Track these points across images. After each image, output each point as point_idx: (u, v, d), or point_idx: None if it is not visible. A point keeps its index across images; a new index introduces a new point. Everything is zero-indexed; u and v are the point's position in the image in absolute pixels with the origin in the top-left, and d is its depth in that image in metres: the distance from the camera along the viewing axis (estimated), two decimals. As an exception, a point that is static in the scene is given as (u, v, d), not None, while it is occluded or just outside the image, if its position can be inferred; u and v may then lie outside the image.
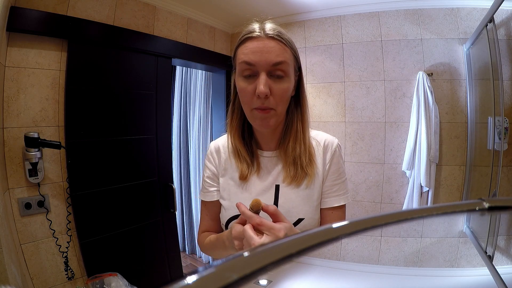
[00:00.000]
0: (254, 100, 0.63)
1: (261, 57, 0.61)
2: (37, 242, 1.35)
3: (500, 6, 1.32)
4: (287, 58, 0.63)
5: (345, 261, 2.09)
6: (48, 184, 1.39)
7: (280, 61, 0.62)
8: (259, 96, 0.62)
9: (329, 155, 0.73)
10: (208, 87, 2.79)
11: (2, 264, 0.95)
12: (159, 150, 1.87)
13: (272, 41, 0.62)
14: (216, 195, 0.78)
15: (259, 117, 0.64)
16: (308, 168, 0.69)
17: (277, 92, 0.63)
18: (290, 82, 0.65)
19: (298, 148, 0.69)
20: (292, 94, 0.70)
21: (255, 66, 0.62)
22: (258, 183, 0.73)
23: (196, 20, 2.12)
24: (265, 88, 0.60)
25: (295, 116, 0.71)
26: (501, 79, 1.36)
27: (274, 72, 0.62)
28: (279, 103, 0.64)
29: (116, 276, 1.48)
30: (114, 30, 1.60)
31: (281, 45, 0.63)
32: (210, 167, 0.79)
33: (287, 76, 0.64)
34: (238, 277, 0.14)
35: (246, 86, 0.63)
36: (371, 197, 2.08)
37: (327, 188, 0.72)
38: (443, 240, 1.90)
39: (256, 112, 0.64)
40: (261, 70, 0.62)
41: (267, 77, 0.62)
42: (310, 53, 2.24)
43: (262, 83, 0.61)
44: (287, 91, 0.65)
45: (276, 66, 0.62)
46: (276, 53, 0.62)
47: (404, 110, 1.99)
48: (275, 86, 0.62)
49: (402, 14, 1.95)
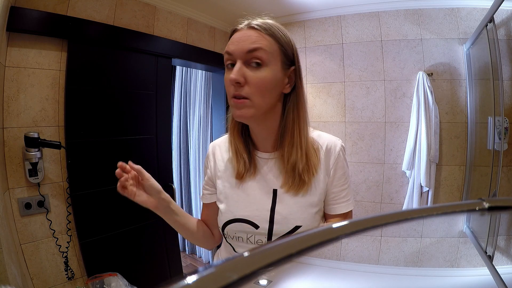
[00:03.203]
0: (231, 88, 0.63)
1: (238, 45, 0.62)
2: (37, 242, 1.35)
3: (500, 6, 1.32)
4: (264, 45, 0.61)
5: (345, 261, 2.09)
6: (48, 184, 1.39)
7: (254, 47, 0.60)
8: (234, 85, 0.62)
9: (332, 160, 0.70)
10: (208, 87, 2.79)
11: (2, 264, 0.95)
12: (159, 150, 1.87)
13: (252, 31, 0.62)
14: (209, 198, 0.79)
15: (233, 105, 0.63)
16: (305, 175, 0.67)
17: (252, 81, 0.61)
18: (269, 71, 0.62)
19: (295, 153, 0.66)
20: (286, 91, 0.67)
21: (232, 55, 0.62)
22: (255, 186, 0.71)
23: (196, 20, 2.12)
24: (235, 75, 0.60)
25: (290, 117, 0.68)
26: (501, 79, 1.36)
27: (250, 60, 0.61)
28: (254, 92, 0.61)
29: (116, 276, 1.48)
30: (114, 30, 1.60)
31: (259, 33, 0.62)
32: (206, 170, 0.80)
33: (265, 65, 0.61)
34: (238, 277, 0.14)
35: (227, 76, 0.64)
36: (371, 197, 2.08)
37: (335, 194, 0.70)
38: (443, 240, 1.90)
39: (233, 101, 0.63)
40: (237, 58, 0.62)
41: (242, 65, 0.61)
42: (310, 53, 2.24)
43: (234, 70, 0.61)
44: (264, 80, 0.61)
45: (251, 53, 0.61)
46: (251, 40, 0.61)
47: (404, 110, 1.99)
48: (250, 74, 0.61)
49: (402, 14, 1.96)
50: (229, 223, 0.70)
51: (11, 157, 1.28)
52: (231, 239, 0.71)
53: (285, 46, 0.65)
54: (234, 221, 0.70)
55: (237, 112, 0.63)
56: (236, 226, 0.70)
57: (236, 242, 0.71)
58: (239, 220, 0.69)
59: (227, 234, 0.72)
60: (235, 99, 0.62)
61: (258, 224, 0.68)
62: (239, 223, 0.69)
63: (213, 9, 2.08)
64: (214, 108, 2.67)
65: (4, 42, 1.23)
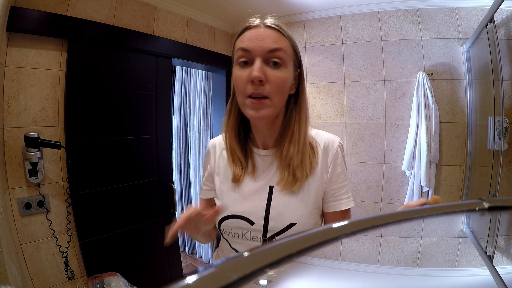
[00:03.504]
0: (248, 87, 0.61)
1: (257, 43, 0.61)
2: (37, 242, 1.35)
3: (500, 6, 1.32)
4: (284, 46, 0.62)
5: (345, 261, 2.09)
6: (48, 184, 1.39)
7: (276, 47, 0.61)
8: (253, 82, 0.60)
9: (330, 157, 0.70)
10: (208, 87, 2.79)
11: (2, 264, 0.95)
12: (159, 150, 1.87)
13: (270, 30, 0.62)
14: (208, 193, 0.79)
15: (252, 106, 0.62)
16: (298, 171, 0.67)
17: (272, 80, 0.61)
18: (287, 72, 0.63)
19: (292, 150, 0.67)
20: (291, 92, 0.68)
21: (250, 52, 0.61)
22: (251, 184, 0.71)
23: (196, 20, 2.12)
24: (259, 73, 0.59)
25: (293, 116, 0.69)
26: (501, 79, 1.36)
27: (270, 59, 0.61)
28: (274, 91, 0.62)
29: (116, 276, 1.48)
30: (114, 30, 1.60)
31: (279, 34, 0.63)
32: (206, 166, 0.81)
33: (284, 65, 0.62)
34: (238, 277, 0.14)
35: (241, 74, 0.62)
36: (371, 197, 2.08)
37: (335, 190, 0.70)
38: (443, 240, 1.90)
39: (250, 101, 0.62)
40: (257, 56, 0.61)
41: (262, 63, 0.61)
42: (310, 53, 2.24)
43: (256, 67, 0.60)
44: (283, 80, 0.62)
45: (272, 52, 0.61)
46: (272, 40, 0.61)
47: (404, 110, 1.99)
48: (271, 73, 0.61)
49: (402, 14, 1.95)
50: (225, 219, 0.71)
51: (11, 157, 1.28)
52: (227, 235, 0.72)
53: (296, 49, 0.67)
54: (230, 217, 0.70)
55: (255, 113, 0.62)
56: (232, 223, 0.70)
57: (232, 238, 0.72)
58: (234, 216, 0.70)
59: (223, 230, 0.72)
60: (253, 100, 0.61)
61: (254, 221, 0.69)
62: (235, 219, 0.70)
63: (213, 9, 2.08)
64: (214, 108, 2.67)
65: (4, 42, 1.23)
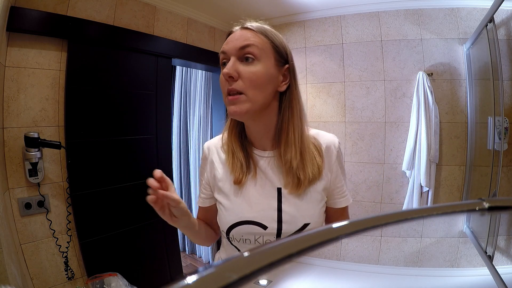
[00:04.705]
0: (226, 85, 0.64)
1: (231, 44, 0.64)
2: (37, 242, 1.35)
3: (500, 6, 1.32)
4: (256, 42, 0.64)
5: (345, 261, 2.09)
6: (48, 184, 1.39)
7: (246, 44, 0.63)
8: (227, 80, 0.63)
9: (334, 157, 0.72)
10: (208, 87, 2.79)
11: (2, 264, 0.95)
12: (159, 150, 1.87)
13: (244, 30, 0.65)
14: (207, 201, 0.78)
15: (229, 102, 0.64)
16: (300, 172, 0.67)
17: (245, 75, 0.63)
18: (262, 67, 0.63)
19: (289, 152, 0.67)
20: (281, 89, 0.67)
21: (226, 53, 0.65)
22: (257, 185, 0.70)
23: (196, 20, 2.12)
24: (228, 69, 0.62)
25: (286, 115, 0.68)
26: (501, 79, 1.36)
27: (242, 56, 0.64)
28: (248, 86, 0.63)
29: (116, 276, 1.48)
30: (114, 30, 1.60)
31: (252, 32, 0.65)
32: (202, 173, 0.79)
33: (257, 60, 0.63)
34: (238, 277, 0.14)
35: (221, 75, 0.65)
36: (371, 197, 2.08)
37: (339, 188, 0.73)
38: (443, 240, 1.90)
39: (227, 98, 0.64)
40: (231, 55, 0.64)
41: (236, 61, 0.64)
42: (310, 53, 2.24)
43: (228, 65, 0.63)
44: (257, 74, 0.63)
45: (243, 49, 0.63)
46: (244, 38, 0.64)
47: (404, 110, 1.99)
48: (243, 68, 0.63)
49: (402, 14, 1.96)
50: (235, 226, 0.68)
51: (11, 157, 1.28)
52: (238, 242, 0.70)
53: (277, 44, 0.67)
54: (240, 223, 0.68)
55: (232, 108, 0.63)
56: (242, 229, 0.68)
57: (243, 245, 0.69)
58: (245, 222, 0.68)
59: (232, 238, 0.69)
60: (230, 96, 0.64)
61: (267, 225, 0.67)
62: (246, 225, 0.68)
63: (213, 9, 2.08)
64: (214, 108, 2.67)
65: (4, 42, 1.23)
